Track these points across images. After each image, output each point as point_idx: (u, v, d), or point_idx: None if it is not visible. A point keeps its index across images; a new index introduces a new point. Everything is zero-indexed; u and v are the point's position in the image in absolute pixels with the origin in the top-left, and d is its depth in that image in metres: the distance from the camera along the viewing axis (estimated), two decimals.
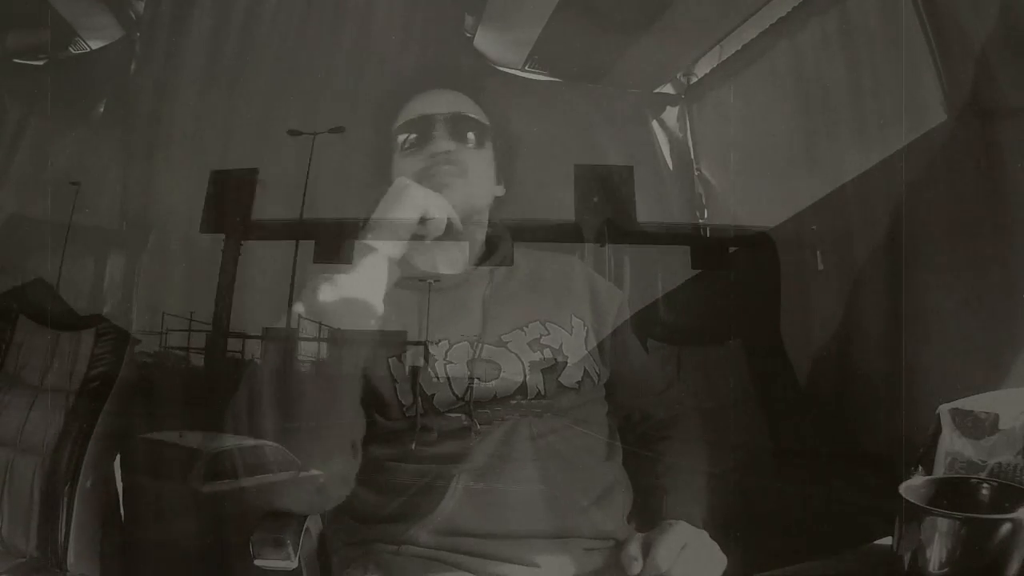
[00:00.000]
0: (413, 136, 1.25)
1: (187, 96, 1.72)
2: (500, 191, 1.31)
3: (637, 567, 1.06)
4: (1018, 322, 1.45)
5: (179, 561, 1.52)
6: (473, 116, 1.27)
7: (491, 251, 1.29)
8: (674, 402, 1.35)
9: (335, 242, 1.20)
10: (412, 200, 1.16)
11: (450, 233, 1.22)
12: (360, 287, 1.11)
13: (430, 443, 1.16)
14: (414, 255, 1.26)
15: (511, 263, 1.30)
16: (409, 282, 1.23)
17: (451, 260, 1.26)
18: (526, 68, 2.02)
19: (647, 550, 1.06)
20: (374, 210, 1.16)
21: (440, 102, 1.27)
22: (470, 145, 1.25)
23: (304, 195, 1.44)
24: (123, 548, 1.61)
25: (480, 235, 1.28)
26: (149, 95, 1.75)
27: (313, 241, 1.28)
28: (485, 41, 1.96)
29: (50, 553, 1.50)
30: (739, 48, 2.05)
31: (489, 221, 1.31)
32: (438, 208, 1.17)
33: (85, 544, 1.54)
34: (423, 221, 1.16)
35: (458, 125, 1.25)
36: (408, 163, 1.24)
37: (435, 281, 1.24)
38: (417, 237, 1.17)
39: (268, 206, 1.67)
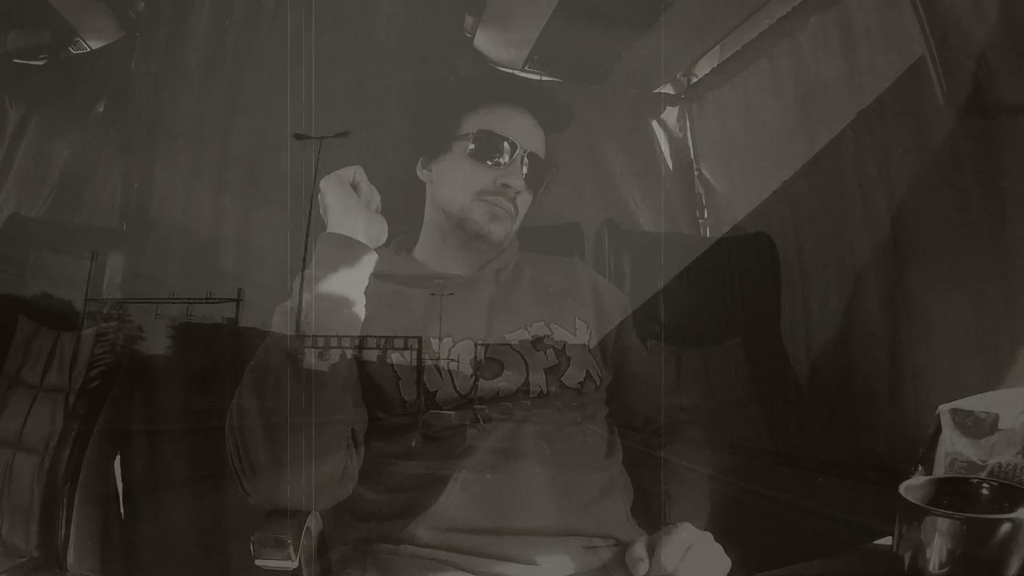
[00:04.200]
0: (495, 151, 1.24)
1: (187, 95, 1.72)
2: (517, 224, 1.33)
3: (644, 567, 1.06)
4: (1018, 322, 1.45)
5: (179, 561, 1.52)
6: (546, 160, 1.28)
7: (497, 254, 1.29)
8: (676, 408, 1.35)
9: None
10: (335, 181, 1.16)
11: (497, 239, 1.24)
12: (341, 277, 1.11)
13: (432, 440, 1.16)
14: (425, 256, 1.27)
15: (516, 265, 1.30)
16: (416, 281, 1.23)
17: (462, 262, 1.27)
18: (526, 68, 2.02)
19: (653, 551, 1.06)
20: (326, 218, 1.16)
21: (525, 130, 1.27)
22: (530, 189, 1.27)
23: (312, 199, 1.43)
24: (123, 548, 1.61)
25: (492, 250, 1.29)
26: (149, 94, 1.75)
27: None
28: (485, 41, 1.96)
29: (50, 553, 1.50)
30: (739, 48, 2.05)
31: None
32: (356, 172, 1.18)
33: (85, 544, 1.54)
34: (356, 188, 1.17)
35: (532, 168, 1.25)
36: (474, 171, 1.24)
37: (439, 280, 1.24)
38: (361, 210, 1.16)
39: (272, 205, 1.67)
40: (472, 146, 1.24)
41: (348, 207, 1.15)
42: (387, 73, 1.77)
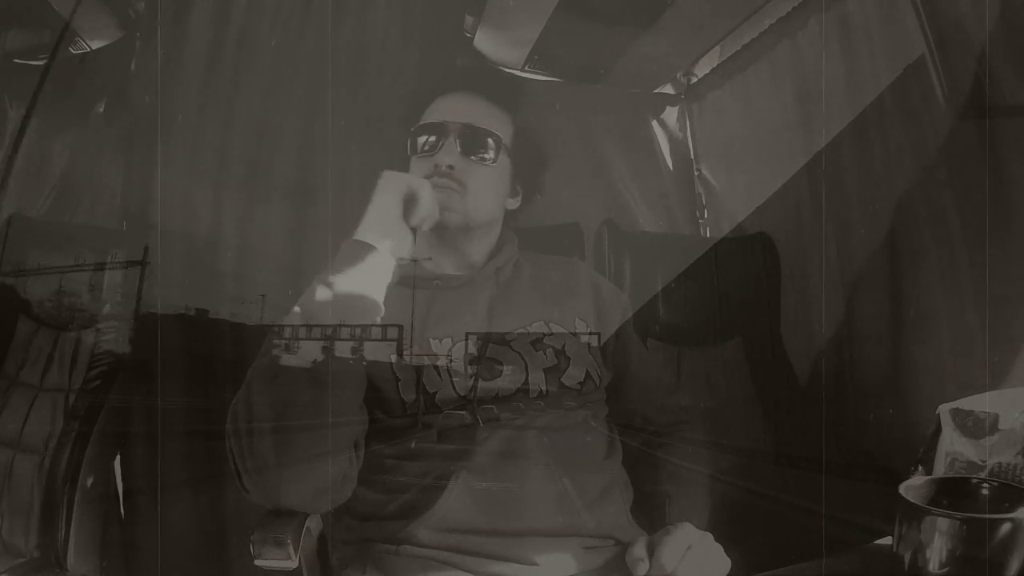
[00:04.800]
0: (431, 139, 1.24)
1: (187, 95, 1.72)
2: (514, 203, 1.30)
3: (643, 568, 1.06)
4: (1018, 322, 1.45)
5: (179, 561, 1.52)
6: (485, 128, 1.24)
7: (496, 252, 1.29)
8: (676, 408, 1.35)
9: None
10: (392, 182, 1.14)
11: (451, 223, 1.21)
12: (360, 285, 1.11)
13: (431, 441, 1.16)
14: (421, 253, 1.27)
15: (516, 265, 1.30)
16: (414, 280, 1.23)
17: (457, 261, 1.27)
18: (526, 68, 2.02)
19: (653, 551, 1.06)
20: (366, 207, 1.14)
21: (457, 108, 1.25)
22: (476, 159, 1.23)
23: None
24: (123, 548, 1.61)
25: (487, 243, 1.28)
26: (149, 94, 1.75)
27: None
28: (485, 41, 1.96)
29: (50, 553, 1.50)
30: (739, 48, 2.05)
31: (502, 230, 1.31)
32: (421, 187, 1.15)
33: (85, 544, 1.54)
34: (409, 208, 1.15)
35: (467, 138, 1.22)
36: (419, 167, 1.24)
37: (438, 281, 1.24)
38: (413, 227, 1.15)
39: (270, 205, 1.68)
40: (411, 143, 1.24)
41: (386, 215, 1.13)
42: (385, 80, 1.77)
